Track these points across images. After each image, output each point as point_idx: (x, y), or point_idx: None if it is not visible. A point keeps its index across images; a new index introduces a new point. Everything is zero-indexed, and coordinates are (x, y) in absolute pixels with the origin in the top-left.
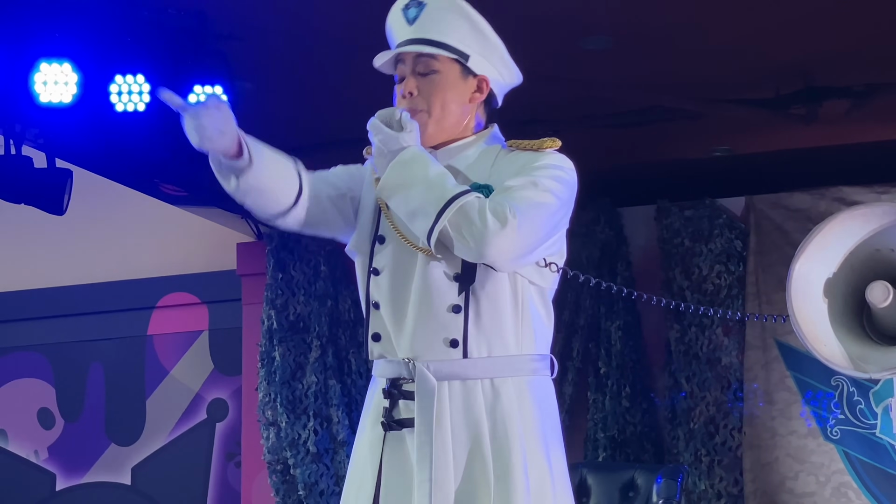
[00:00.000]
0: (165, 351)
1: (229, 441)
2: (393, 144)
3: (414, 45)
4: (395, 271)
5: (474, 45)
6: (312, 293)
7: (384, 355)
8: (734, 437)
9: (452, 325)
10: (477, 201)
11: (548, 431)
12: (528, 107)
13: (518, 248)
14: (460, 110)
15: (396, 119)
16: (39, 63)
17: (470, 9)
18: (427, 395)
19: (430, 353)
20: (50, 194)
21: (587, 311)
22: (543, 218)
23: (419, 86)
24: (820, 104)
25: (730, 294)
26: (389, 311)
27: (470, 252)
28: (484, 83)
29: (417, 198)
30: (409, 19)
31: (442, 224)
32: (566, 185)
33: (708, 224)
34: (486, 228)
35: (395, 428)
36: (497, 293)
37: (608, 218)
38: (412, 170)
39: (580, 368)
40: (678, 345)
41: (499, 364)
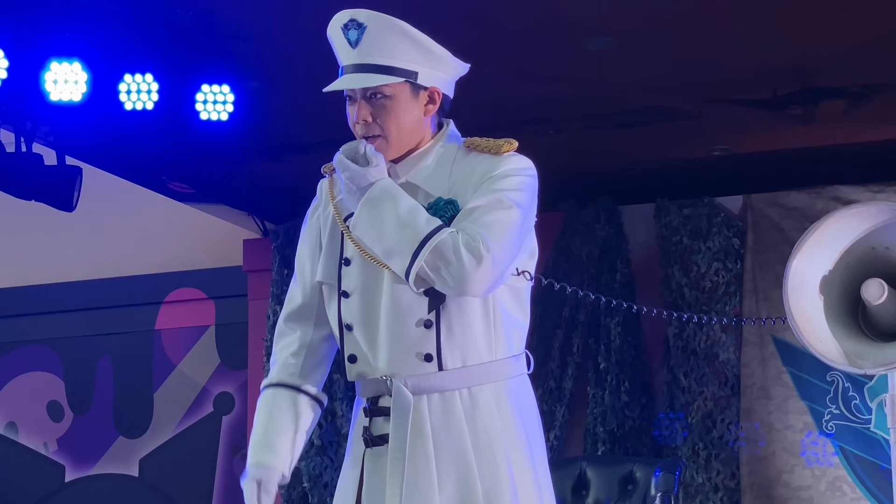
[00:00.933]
0: (173, 345)
1: (235, 434)
2: (361, 181)
3: (360, 72)
4: (364, 292)
5: (420, 61)
6: None
7: (363, 375)
8: (731, 432)
9: (425, 340)
10: (450, 238)
11: (529, 431)
12: (531, 106)
13: (494, 277)
14: (416, 126)
15: (361, 154)
16: (50, 62)
17: (408, 26)
18: (402, 410)
19: (407, 368)
20: (60, 191)
21: (587, 307)
22: (513, 236)
23: (372, 112)
24: (817, 104)
25: (727, 291)
26: (362, 332)
27: (450, 290)
28: (436, 93)
29: (391, 238)
30: (352, 41)
31: (419, 265)
32: (528, 190)
33: (706, 222)
34: (462, 267)
35: (376, 443)
36: (466, 304)
37: (608, 216)
38: (383, 208)
39: (580, 363)
40: (676, 341)
41: (474, 373)
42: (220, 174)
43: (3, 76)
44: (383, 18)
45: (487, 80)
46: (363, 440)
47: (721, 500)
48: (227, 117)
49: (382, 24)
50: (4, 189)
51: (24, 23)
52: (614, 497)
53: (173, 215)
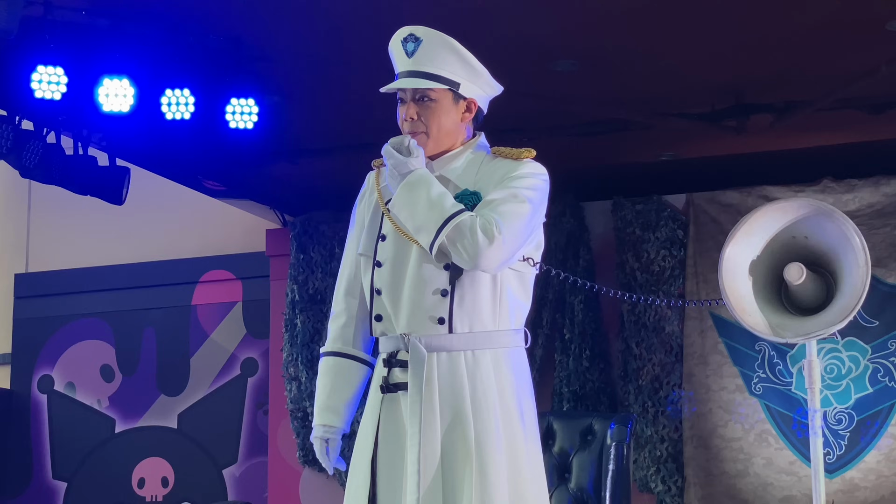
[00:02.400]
0: (206, 318)
1: (259, 393)
2: (403, 168)
3: (414, 77)
4: (395, 263)
5: (463, 74)
6: (328, 271)
7: (385, 332)
8: (675, 392)
9: (440, 306)
10: (469, 220)
11: (521, 393)
12: (508, 118)
13: (504, 256)
14: (453, 129)
15: (405, 146)
16: (103, 78)
17: (457, 44)
18: (418, 362)
19: (422, 328)
20: (111, 188)
21: (555, 286)
22: (523, 225)
23: (419, 111)
24: (748, 118)
25: (672, 274)
26: (389, 296)
27: (465, 263)
28: (473, 104)
29: (421, 215)
30: (408, 52)
31: (441, 239)
32: (540, 190)
33: (655, 216)
34: (476, 244)
35: (391, 391)
36: (478, 280)
37: (572, 210)
38: (418, 191)
39: (548, 335)
40: (629, 316)
41: (478, 338)
42: (247, 174)
43: (63, 90)
44: (438, 35)
45: None
46: (380, 388)
47: (666, 450)
48: (252, 126)
49: (436, 39)
50: (65, 185)
51: (81, 45)
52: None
53: (207, 208)
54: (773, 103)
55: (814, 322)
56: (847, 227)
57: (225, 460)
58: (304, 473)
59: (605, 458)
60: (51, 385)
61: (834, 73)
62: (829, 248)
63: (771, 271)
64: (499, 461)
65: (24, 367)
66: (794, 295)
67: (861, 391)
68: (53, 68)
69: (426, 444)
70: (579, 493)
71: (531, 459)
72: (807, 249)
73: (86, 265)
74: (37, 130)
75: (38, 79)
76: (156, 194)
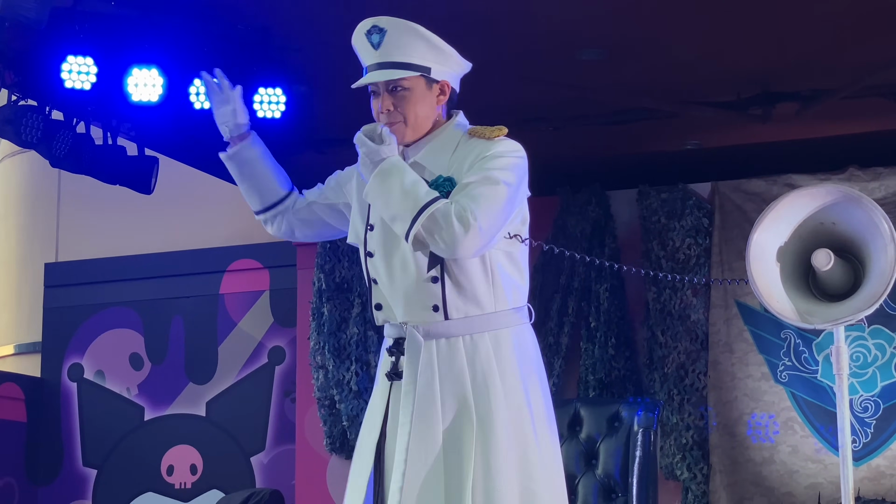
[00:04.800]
0: (234, 307)
1: (286, 381)
2: (375, 156)
3: (383, 69)
4: (384, 252)
5: (431, 58)
6: (355, 260)
7: (387, 320)
8: (700, 380)
9: (433, 294)
10: (444, 207)
11: (526, 372)
12: (533, 108)
13: (480, 243)
14: (430, 114)
15: (378, 133)
16: (132, 69)
17: (421, 28)
18: (414, 351)
19: (419, 317)
20: (140, 177)
21: (580, 275)
22: (499, 207)
23: (394, 102)
24: (773, 106)
25: (698, 262)
26: (385, 285)
27: (443, 252)
28: (445, 86)
29: (395, 204)
30: (374, 44)
31: (416, 229)
32: (516, 168)
33: (680, 205)
34: (452, 233)
35: (398, 378)
36: (467, 265)
37: (598, 199)
38: (391, 180)
39: (574, 323)
40: (655, 304)
41: (475, 322)
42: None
43: (92, 80)
44: (401, 23)
45: (496, 84)
46: (386, 375)
47: (692, 437)
48: (279, 115)
49: (400, 27)
50: (95, 175)
51: (111, 36)
52: (603, 433)
53: (234, 198)
54: (799, 91)
55: (842, 308)
56: (875, 213)
57: (253, 448)
58: (331, 461)
59: (633, 444)
60: (81, 373)
61: (859, 61)
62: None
63: (798, 257)
64: (503, 444)
65: (54, 356)
66: (821, 281)
67: (887, 379)
68: (83, 58)
69: (416, 433)
70: (606, 480)
71: (540, 440)
72: (834, 235)
73: (115, 254)
74: (66, 120)
75: (68, 69)
76: (184, 184)
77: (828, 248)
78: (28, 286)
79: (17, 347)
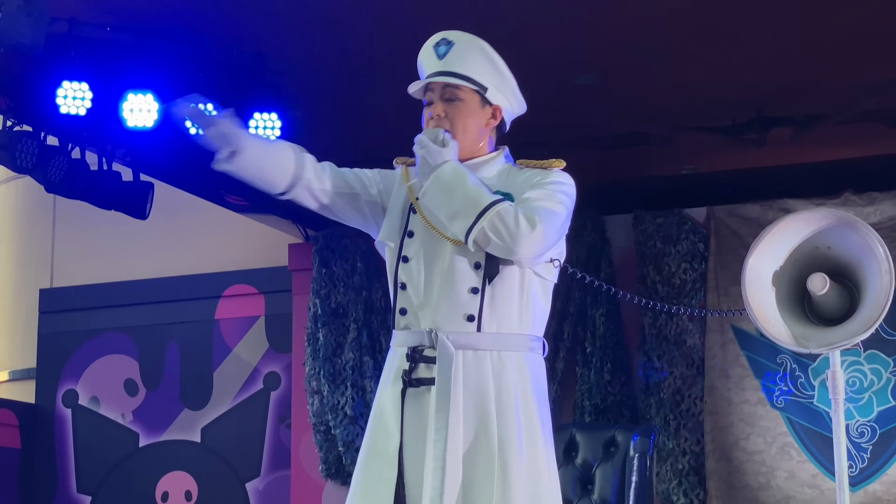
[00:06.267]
0: (229, 332)
1: (281, 406)
2: (437, 158)
3: (443, 76)
4: (424, 259)
5: (492, 80)
6: (350, 285)
7: (409, 326)
8: (697, 405)
9: (471, 304)
10: (512, 207)
11: (540, 399)
12: (530, 131)
13: (541, 247)
14: (478, 133)
15: (440, 138)
16: (127, 94)
17: (490, 49)
18: (447, 359)
19: (451, 325)
20: (135, 202)
21: (576, 300)
22: (558, 224)
23: (445, 110)
24: (768, 131)
25: (694, 287)
26: (416, 291)
27: (503, 249)
28: (498, 111)
29: (459, 202)
30: (440, 55)
31: (481, 225)
32: (570, 199)
33: (676, 229)
34: (519, 230)
35: (415, 385)
36: (508, 280)
37: (594, 224)
38: (456, 179)
39: (570, 348)
40: (651, 329)
41: (505, 339)
42: None
43: (88, 106)
44: (471, 38)
45: None
46: (402, 381)
47: (688, 463)
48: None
49: (469, 42)
50: (90, 200)
51: (106, 61)
52: (599, 457)
53: (230, 223)
54: (794, 116)
55: (838, 332)
56: (871, 237)
57: (248, 474)
58: (326, 487)
59: (629, 469)
60: (75, 399)
61: (854, 85)
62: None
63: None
64: (520, 464)
65: (48, 382)
66: (817, 305)
67: (883, 404)
68: (78, 84)
69: (452, 441)
70: None
71: (549, 465)
72: (830, 260)
73: (110, 280)
74: (62, 146)
75: (64, 94)
76: (179, 209)
77: (823, 272)
78: (23, 312)
79: (12, 374)
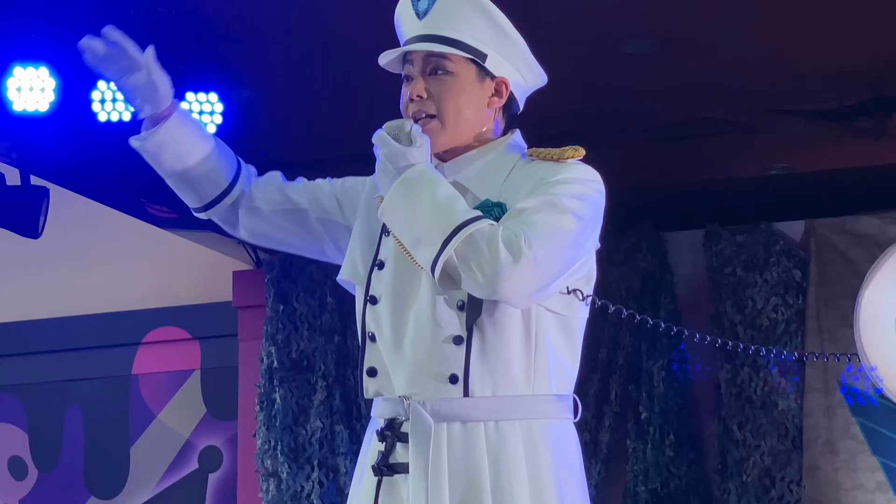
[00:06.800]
0: (152, 392)
1: (224, 494)
2: (399, 160)
3: (424, 42)
4: (395, 298)
5: (492, 44)
6: (318, 328)
7: (381, 392)
8: (792, 492)
9: (452, 359)
10: (488, 229)
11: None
12: (560, 117)
13: (534, 283)
14: (476, 117)
15: (406, 132)
16: (13, 67)
17: (487, 1)
18: (422, 436)
19: (428, 389)
20: (24, 215)
21: (626, 348)
22: (563, 245)
23: (429, 88)
24: (890, 116)
25: (787, 330)
26: (386, 343)
27: (479, 288)
28: (503, 86)
29: (422, 223)
30: (420, 12)
31: (447, 254)
32: (590, 203)
33: (763, 251)
34: (497, 262)
35: (388, 473)
36: (505, 323)
37: (650, 244)
38: (418, 190)
39: (618, 413)
40: (729, 387)
41: (504, 405)
42: None
43: None
44: None
45: None
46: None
47: None
48: (214, 130)
49: None
50: None
51: None
52: None
53: (153, 244)
54: None
55: None
56: None
57: None
58: None
59: None
60: None
61: None
62: None
63: None
64: None
65: None
66: None
67: None
68: None
69: None
70: None
71: None
72: None
73: None
74: None
75: None
76: (84, 224)
77: None
78: None
79: None
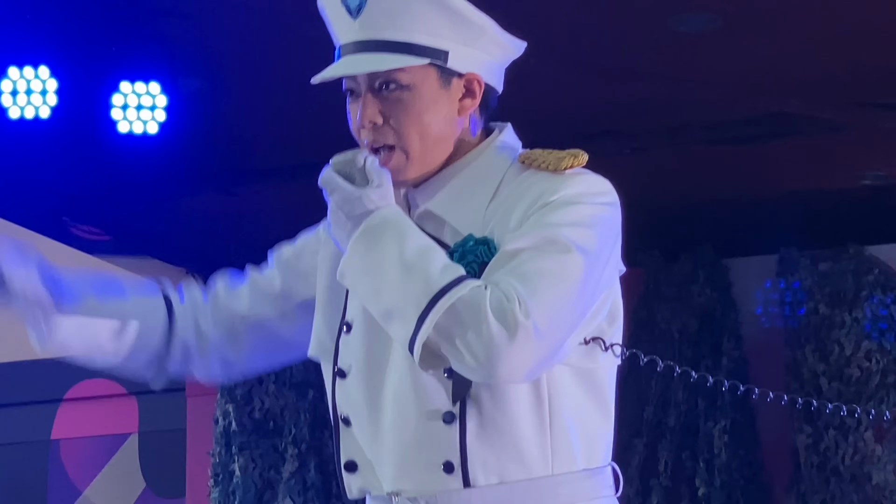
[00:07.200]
0: (77, 462)
1: None
2: (355, 207)
3: (364, 53)
4: (368, 369)
5: (451, 35)
6: (286, 380)
7: (366, 490)
8: None
9: (444, 442)
10: (472, 294)
11: None
12: (597, 115)
13: (538, 356)
14: (447, 131)
15: (359, 167)
16: None
17: None
18: None
19: (420, 482)
20: None
21: (679, 406)
22: (571, 297)
23: (383, 110)
24: None
25: (884, 382)
26: (363, 427)
27: (471, 371)
28: (475, 83)
29: (391, 290)
30: (352, 9)
31: (426, 333)
32: (600, 226)
33: (853, 281)
34: (489, 339)
35: None
36: (507, 390)
37: (710, 273)
38: (381, 247)
39: (669, 488)
40: (809, 455)
41: (517, 493)
42: (146, 213)
43: None
44: None
45: (534, 76)
46: None
47: None
48: (156, 129)
49: None
50: None
51: None
52: None
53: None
54: None
55: None
56: None
57: None
58: None
59: None
60: None
61: None
62: None
63: None
64: None
65: None
66: None
67: None
68: None
69: None
70: None
71: None
72: None
73: None
74: None
75: None
76: None
77: None
78: None
79: None
